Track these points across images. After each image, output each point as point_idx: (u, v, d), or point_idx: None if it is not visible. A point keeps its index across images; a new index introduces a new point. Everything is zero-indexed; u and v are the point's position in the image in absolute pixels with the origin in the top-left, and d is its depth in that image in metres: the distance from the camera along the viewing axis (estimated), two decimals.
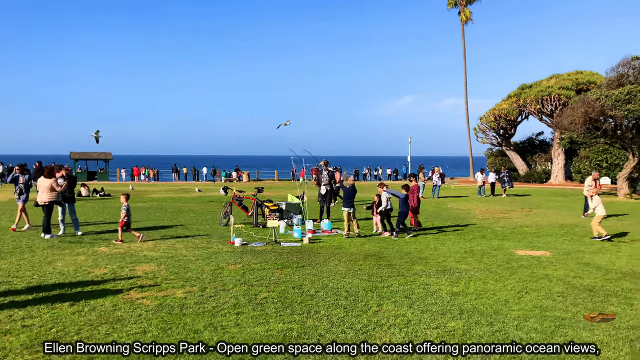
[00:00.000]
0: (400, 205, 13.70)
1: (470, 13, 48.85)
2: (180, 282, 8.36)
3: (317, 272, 9.17)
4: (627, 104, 23.56)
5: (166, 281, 8.44)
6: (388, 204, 14.05)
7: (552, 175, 42.78)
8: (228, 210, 15.79)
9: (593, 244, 12.66)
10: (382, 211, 14.06)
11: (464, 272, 9.33)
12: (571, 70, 43.02)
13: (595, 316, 9.96)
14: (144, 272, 9.12)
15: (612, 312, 10.36)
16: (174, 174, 50.61)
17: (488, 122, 44.49)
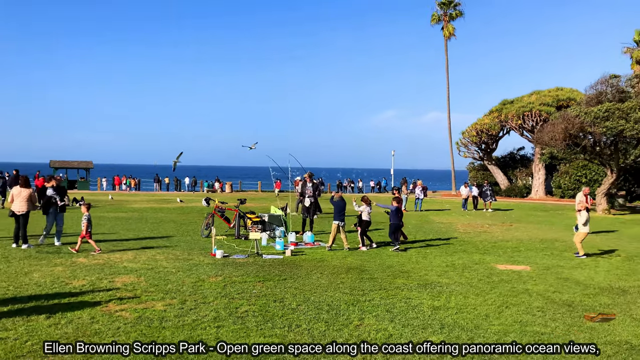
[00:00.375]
0: (392, 218, 13.75)
1: (453, 29, 49.50)
2: (160, 295, 8.25)
3: (299, 285, 9.13)
4: (606, 121, 24.01)
5: (146, 293, 8.33)
6: (369, 218, 14.08)
7: (532, 189, 43.28)
8: (210, 222, 15.67)
9: (572, 259, 12.81)
10: (363, 224, 14.05)
11: (445, 286, 9.36)
12: (552, 87, 43.73)
13: (595, 316, 10.07)
14: (124, 283, 8.99)
15: (612, 313, 10.53)
16: (155, 184, 50.20)
17: (470, 137, 44.95)
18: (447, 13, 49.51)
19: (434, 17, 49.93)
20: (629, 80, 26.64)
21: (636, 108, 23.76)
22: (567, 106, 35.74)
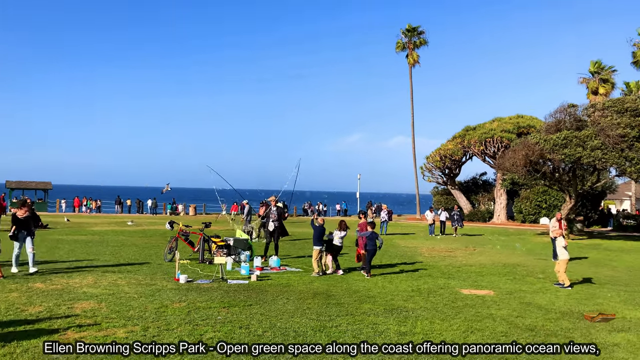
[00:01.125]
0: (368, 244, 13.49)
1: (417, 56, 50.68)
2: (121, 321, 8.01)
3: (265, 311, 9.02)
4: (564, 149, 24.81)
5: (107, 320, 8.07)
6: (340, 243, 14.03)
7: (494, 214, 44.17)
8: (173, 246, 15.40)
9: (534, 283, 13.05)
10: (334, 249, 13.98)
11: (411, 311, 9.39)
12: (513, 114, 45.06)
13: (595, 316, 10.24)
14: (83, 310, 8.70)
15: (612, 313, 10.72)
16: (117, 206, 49.16)
17: (434, 162, 45.73)
18: (411, 41, 50.72)
19: (399, 45, 51.07)
20: (586, 109, 27.66)
21: (592, 136, 24.66)
22: (527, 133, 36.83)
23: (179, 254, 13.01)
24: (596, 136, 24.63)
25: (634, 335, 8.28)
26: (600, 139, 24.41)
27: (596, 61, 45.68)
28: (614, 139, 24.17)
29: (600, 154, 24.13)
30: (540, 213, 41.47)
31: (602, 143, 24.31)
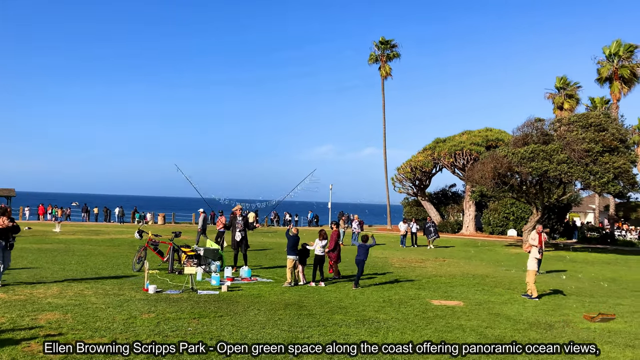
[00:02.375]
0: (360, 254, 13.56)
1: (390, 69, 51.28)
2: (88, 333, 7.82)
3: (236, 322, 8.93)
4: (531, 162, 25.37)
5: (73, 331, 7.86)
6: (322, 253, 13.99)
7: (463, 225, 44.78)
8: (142, 255, 15.13)
9: (502, 294, 13.25)
10: (315, 260, 13.92)
11: (382, 322, 9.42)
12: (482, 127, 45.88)
13: (595, 316, 10.40)
14: (48, 321, 8.46)
15: (612, 313, 10.87)
16: (83, 214, 48.12)
17: (405, 173, 46.18)
18: (384, 53, 51.32)
19: (372, 57, 51.62)
20: (552, 124, 28.39)
21: (558, 150, 25.30)
22: (495, 146, 37.53)
23: (148, 264, 12.78)
24: (562, 150, 25.28)
25: (598, 345, 8.47)
26: (566, 153, 25.07)
27: (562, 77, 46.98)
28: (579, 153, 24.85)
29: (566, 167, 24.76)
30: (508, 225, 42.25)
31: (568, 157, 24.97)
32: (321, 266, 13.99)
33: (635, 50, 40.09)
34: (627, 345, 8.55)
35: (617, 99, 40.48)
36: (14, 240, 11.89)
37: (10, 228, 11.60)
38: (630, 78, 40.07)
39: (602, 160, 24.86)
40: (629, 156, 25.67)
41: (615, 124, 26.91)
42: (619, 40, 40.24)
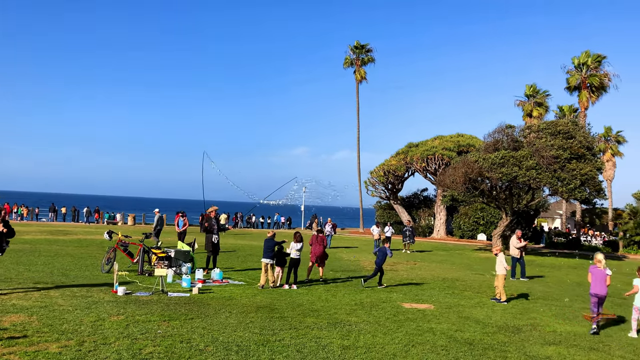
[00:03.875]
0: (380, 257, 14.41)
1: (364, 73, 51.61)
2: (54, 335, 7.64)
3: (207, 325, 8.84)
4: (501, 167, 25.82)
5: (38, 334, 7.68)
6: (297, 256, 13.94)
7: (434, 229, 45.27)
8: (111, 256, 14.87)
9: (472, 298, 13.44)
10: (291, 262, 13.89)
11: (354, 325, 9.46)
12: (453, 133, 46.50)
13: (595, 316, 10.59)
14: (12, 323, 8.24)
15: (611, 313, 11.10)
16: (51, 214, 47.06)
17: (378, 177, 46.46)
18: (359, 58, 51.64)
19: (347, 61, 51.87)
20: (522, 130, 28.95)
21: (528, 157, 25.80)
22: (467, 151, 38.07)
23: (117, 265, 12.57)
24: (531, 157, 25.79)
25: (564, 348, 8.67)
26: (535, 160, 25.58)
27: (531, 85, 47.95)
28: (547, 160, 25.38)
29: (534, 173, 25.27)
30: (478, 229, 42.89)
31: (537, 163, 25.48)
32: (296, 269, 13.96)
33: (603, 60, 41.23)
34: (592, 348, 8.77)
35: (585, 108, 41.52)
36: (7, 245, 11.23)
37: (5, 233, 10.86)
38: (598, 87, 41.15)
39: (570, 167, 25.45)
40: (595, 163, 26.33)
41: (582, 131, 27.58)
42: (588, 51, 41.31)
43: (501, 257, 13.25)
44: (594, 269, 10.53)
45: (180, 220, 23.31)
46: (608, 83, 41.15)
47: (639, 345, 9.16)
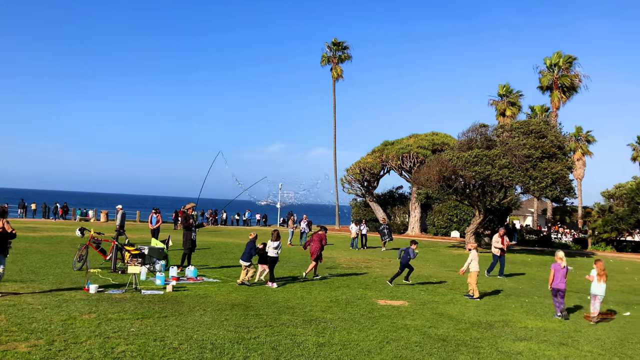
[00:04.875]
0: (404, 257, 14.88)
1: (341, 71, 51.64)
2: (23, 335, 7.48)
3: (181, 323, 8.76)
4: (475, 166, 26.16)
5: (7, 333, 7.51)
6: (276, 254, 13.85)
7: (409, 227, 45.66)
8: (83, 254, 14.62)
9: (445, 294, 13.59)
10: (269, 261, 13.83)
11: (329, 322, 9.48)
12: (428, 131, 46.94)
13: (595, 316, 10.75)
14: None
15: (611, 313, 11.30)
16: (20, 210, 46.03)
17: (354, 174, 46.63)
18: (336, 55, 51.65)
19: (324, 58, 51.84)
20: (495, 130, 29.37)
21: (501, 155, 26.19)
22: (441, 150, 38.47)
23: (89, 263, 12.36)
24: (504, 155, 26.19)
25: (535, 344, 8.84)
26: (507, 158, 25.98)
27: (504, 85, 48.61)
28: (519, 159, 25.80)
29: (507, 172, 25.67)
30: (452, 226, 43.39)
31: (510, 162, 25.89)
32: (272, 267, 13.92)
33: (574, 62, 42.05)
34: (561, 344, 8.96)
35: (556, 108, 42.31)
36: (10, 247, 10.76)
37: (9, 234, 10.48)
38: (569, 88, 41.97)
39: (541, 166, 25.92)
40: (566, 162, 26.87)
41: (554, 131, 28.12)
42: (559, 52, 42.09)
43: (474, 254, 13.42)
44: (555, 266, 11.43)
45: (154, 217, 23.02)
46: (578, 84, 42.00)
47: (606, 340, 9.39)
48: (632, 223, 36.43)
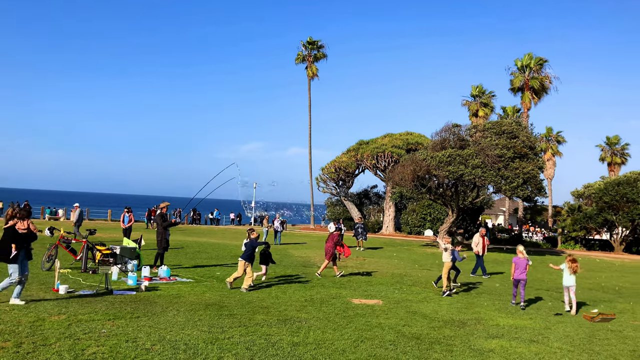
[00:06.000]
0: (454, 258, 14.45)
1: (316, 70, 51.69)
2: None
3: (154, 324, 8.65)
4: (448, 166, 26.45)
5: None
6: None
7: (383, 225, 45.94)
8: (53, 254, 14.32)
9: (419, 293, 13.72)
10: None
11: (304, 321, 9.47)
12: (403, 131, 47.32)
13: (595, 316, 10.88)
14: None
15: (611, 312, 11.47)
16: None
17: (329, 173, 46.72)
18: (311, 54, 51.67)
19: (299, 57, 51.82)
20: (468, 130, 29.74)
21: (473, 155, 26.54)
22: (415, 149, 38.82)
23: (59, 263, 12.11)
24: (477, 155, 26.54)
25: (506, 341, 8.98)
26: (480, 158, 26.34)
27: (477, 86, 49.29)
28: (492, 159, 26.18)
29: (480, 172, 26.02)
30: (425, 225, 43.82)
31: (482, 162, 26.25)
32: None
33: (545, 64, 42.87)
34: (532, 341, 9.12)
35: (527, 108, 43.07)
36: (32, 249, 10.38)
37: (34, 235, 10.12)
38: (540, 89, 42.78)
39: (513, 166, 26.35)
40: (537, 162, 27.38)
41: (525, 131, 28.60)
42: (531, 54, 42.87)
43: (447, 248, 13.99)
44: (517, 259, 12.58)
45: (126, 216, 22.69)
46: (549, 85, 42.88)
47: (575, 337, 9.59)
48: (600, 222, 37.33)
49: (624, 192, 35.09)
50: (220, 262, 18.40)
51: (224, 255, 20.59)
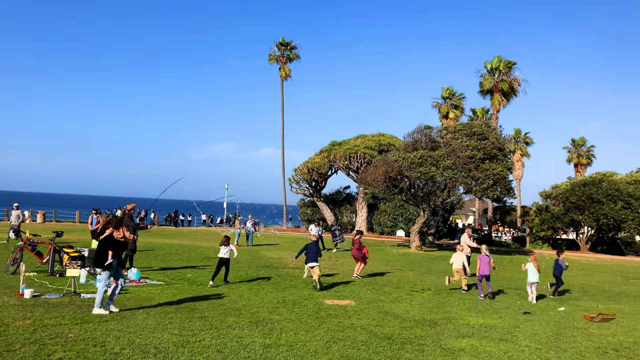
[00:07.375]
0: (558, 269, 15.01)
1: (289, 70, 51.65)
2: None
3: (123, 327, 8.49)
4: (420, 167, 26.72)
5: None
6: (226, 254, 13.69)
7: (356, 226, 46.09)
8: (18, 257, 13.95)
9: (391, 293, 13.81)
10: (220, 260, 13.68)
11: (276, 323, 9.43)
12: (375, 132, 47.57)
13: (595, 316, 10.94)
14: None
15: (611, 312, 11.57)
16: None
17: (302, 174, 46.68)
18: (284, 54, 51.60)
19: (272, 57, 51.68)
20: (439, 131, 30.10)
21: (445, 156, 26.86)
22: (387, 150, 39.08)
23: (24, 266, 11.79)
24: (448, 156, 26.87)
25: (477, 340, 9.10)
26: (451, 159, 26.68)
27: (447, 88, 49.98)
28: (463, 160, 26.55)
29: (451, 173, 26.35)
30: (397, 226, 44.17)
31: (453, 163, 26.59)
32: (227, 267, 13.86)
33: (514, 66, 43.69)
34: (501, 339, 9.27)
35: (497, 110, 43.82)
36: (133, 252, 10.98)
37: (126, 242, 10.44)
38: (509, 91, 43.57)
39: (483, 167, 26.77)
40: (506, 163, 27.87)
41: (495, 133, 29.10)
42: (500, 57, 43.63)
43: (460, 254, 15.43)
44: (481, 257, 14.03)
45: (94, 217, 22.25)
46: (518, 87, 43.69)
47: (542, 335, 9.78)
48: (567, 222, 38.19)
49: (590, 193, 35.99)
50: (191, 264, 18.20)
51: (194, 257, 20.39)
